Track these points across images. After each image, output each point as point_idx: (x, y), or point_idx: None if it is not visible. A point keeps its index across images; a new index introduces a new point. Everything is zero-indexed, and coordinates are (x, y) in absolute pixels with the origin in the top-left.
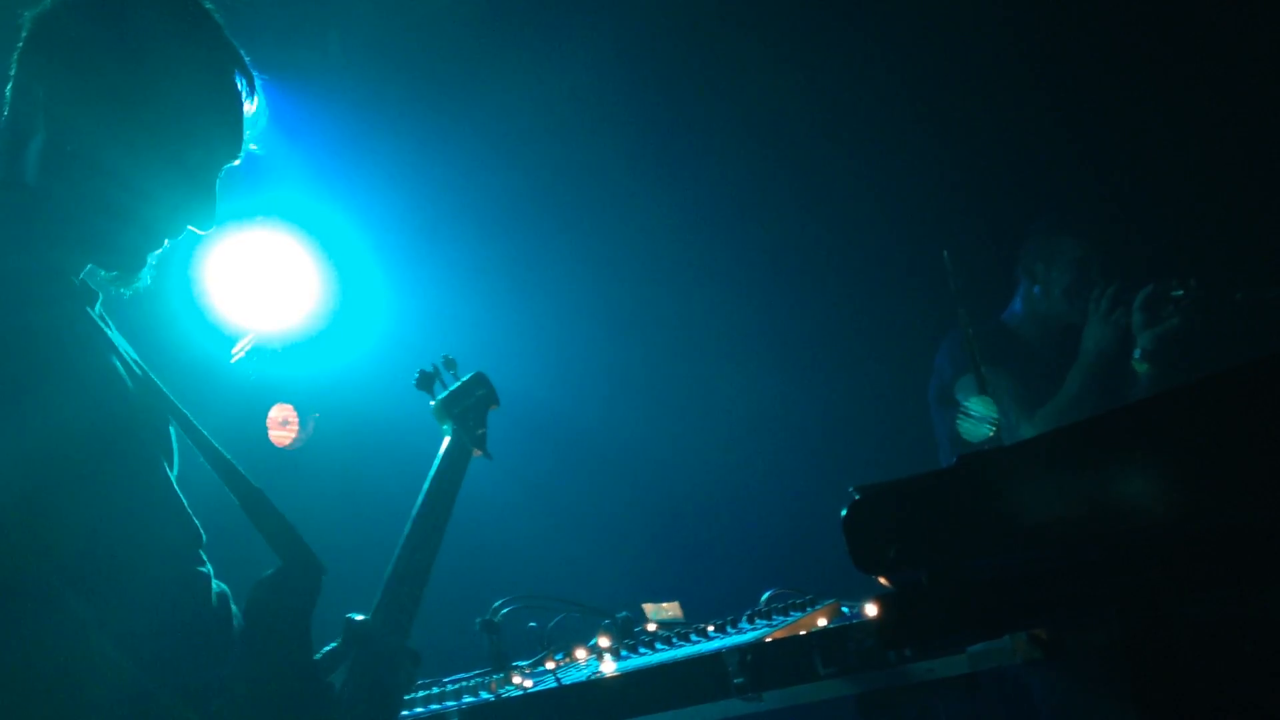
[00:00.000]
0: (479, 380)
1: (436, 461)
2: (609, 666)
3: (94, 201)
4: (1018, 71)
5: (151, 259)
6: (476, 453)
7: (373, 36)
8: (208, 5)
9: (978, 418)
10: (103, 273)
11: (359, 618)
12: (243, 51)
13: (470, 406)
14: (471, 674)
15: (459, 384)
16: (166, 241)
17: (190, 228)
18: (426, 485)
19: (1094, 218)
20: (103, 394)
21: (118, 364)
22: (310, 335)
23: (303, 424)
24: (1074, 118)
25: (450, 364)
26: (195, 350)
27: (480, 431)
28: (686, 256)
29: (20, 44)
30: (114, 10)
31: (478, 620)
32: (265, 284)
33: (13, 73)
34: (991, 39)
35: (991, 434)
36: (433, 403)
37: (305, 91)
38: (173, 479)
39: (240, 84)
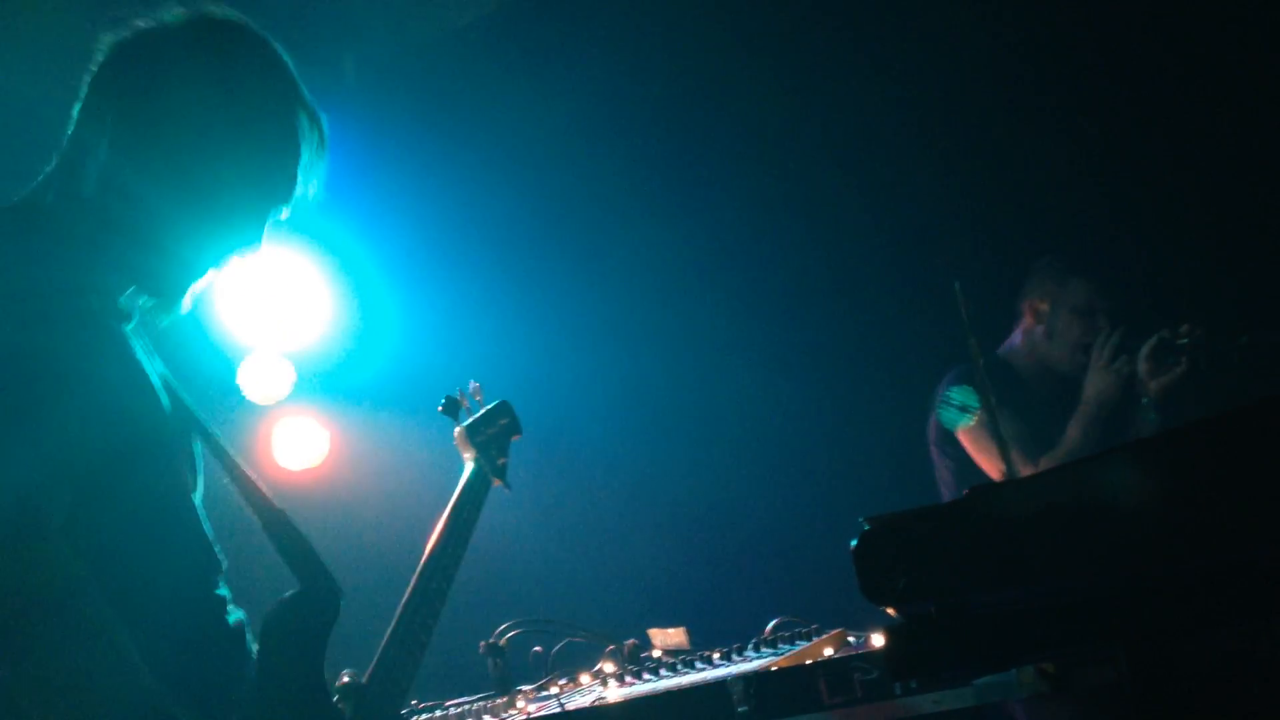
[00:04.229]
0: (503, 409)
1: (457, 491)
2: (613, 692)
3: (143, 231)
4: (1033, 106)
5: (192, 289)
6: (496, 483)
7: (387, 59)
8: (284, 55)
9: (957, 406)
10: (144, 298)
11: (351, 677)
12: (308, 94)
13: (493, 435)
14: (475, 697)
15: (483, 411)
16: (211, 273)
17: (235, 257)
18: (446, 515)
19: (1101, 254)
20: (123, 409)
21: (144, 381)
22: (322, 354)
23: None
24: (1086, 155)
25: (476, 390)
26: (205, 369)
27: (502, 461)
28: (695, 282)
29: (95, 67)
30: (195, 50)
31: (482, 643)
32: (277, 303)
33: (83, 92)
34: (1009, 72)
35: (971, 423)
36: (456, 429)
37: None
38: (197, 501)
39: (305, 132)
